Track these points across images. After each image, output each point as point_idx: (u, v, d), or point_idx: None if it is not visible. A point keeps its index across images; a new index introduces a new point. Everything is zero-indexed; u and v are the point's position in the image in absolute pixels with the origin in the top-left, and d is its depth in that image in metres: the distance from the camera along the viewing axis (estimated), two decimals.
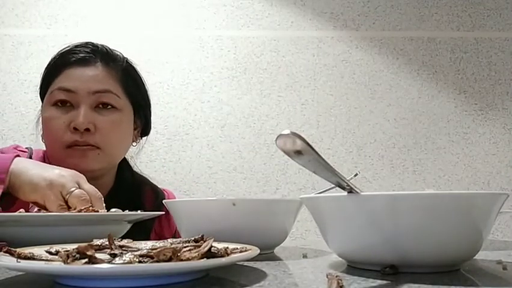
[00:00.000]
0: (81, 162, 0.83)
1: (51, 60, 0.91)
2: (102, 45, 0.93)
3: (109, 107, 0.88)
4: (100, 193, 0.68)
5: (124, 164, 1.00)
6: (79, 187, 0.67)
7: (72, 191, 0.65)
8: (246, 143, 1.95)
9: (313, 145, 0.35)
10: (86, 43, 0.92)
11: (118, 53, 0.95)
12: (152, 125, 1.05)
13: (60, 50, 0.91)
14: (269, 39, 2.02)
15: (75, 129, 0.84)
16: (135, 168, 1.03)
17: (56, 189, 0.65)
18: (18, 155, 0.71)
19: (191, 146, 1.93)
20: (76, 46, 0.91)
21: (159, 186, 1.05)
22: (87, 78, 0.87)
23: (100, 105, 0.87)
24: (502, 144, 2.00)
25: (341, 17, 2.05)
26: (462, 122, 2.01)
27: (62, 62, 0.89)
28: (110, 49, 0.94)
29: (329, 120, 1.98)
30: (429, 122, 2.00)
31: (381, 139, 1.98)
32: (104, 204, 0.68)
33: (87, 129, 0.84)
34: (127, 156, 1.02)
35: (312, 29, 2.03)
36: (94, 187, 0.69)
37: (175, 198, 1.08)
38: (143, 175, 1.04)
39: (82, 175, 0.70)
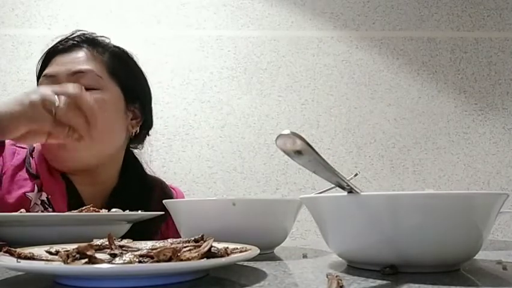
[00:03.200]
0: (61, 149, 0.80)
1: (44, 53, 0.91)
2: (91, 33, 0.93)
3: (90, 89, 0.83)
4: (78, 89, 0.69)
5: (131, 163, 0.94)
6: (56, 88, 0.66)
7: (56, 105, 0.65)
8: (246, 143, 1.95)
9: (313, 145, 0.35)
10: (75, 32, 0.92)
11: (105, 39, 0.94)
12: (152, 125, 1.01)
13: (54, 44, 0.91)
14: (269, 39, 2.02)
15: None
16: (148, 171, 0.97)
17: (36, 107, 0.65)
18: None
19: (191, 146, 1.93)
20: (67, 36, 0.91)
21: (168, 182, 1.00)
22: (68, 61, 0.85)
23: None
24: (502, 144, 2.00)
25: (341, 17, 2.05)
26: (462, 122, 2.01)
27: (51, 53, 0.89)
28: (98, 36, 0.93)
29: (329, 120, 1.98)
30: (429, 122, 2.00)
31: (381, 139, 1.98)
32: (88, 98, 0.69)
33: None
34: (140, 158, 0.97)
35: (312, 29, 2.03)
36: (64, 88, 0.69)
37: (183, 197, 1.05)
38: (157, 177, 0.98)
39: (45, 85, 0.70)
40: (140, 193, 0.90)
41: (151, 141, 1.02)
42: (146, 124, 0.96)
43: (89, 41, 0.90)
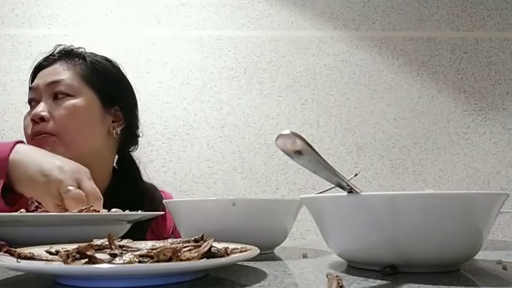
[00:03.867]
0: None
1: (32, 69, 0.98)
2: (69, 46, 0.99)
3: (65, 96, 0.91)
4: (100, 194, 0.67)
5: (127, 168, 1.00)
6: (79, 185, 0.64)
7: (68, 190, 0.62)
8: (246, 143, 1.95)
9: (313, 145, 0.35)
10: (55, 47, 0.98)
11: (81, 50, 0.99)
12: (152, 125, 1.04)
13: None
14: (269, 39, 2.02)
15: (33, 121, 0.88)
16: (145, 177, 1.02)
17: (53, 186, 0.63)
18: (20, 141, 0.69)
19: (191, 146, 1.93)
20: (49, 53, 0.98)
21: (157, 187, 1.05)
22: (46, 74, 0.93)
23: (58, 96, 0.91)
24: (502, 144, 2.00)
25: (341, 17, 2.05)
26: (462, 122, 2.01)
27: (36, 69, 0.97)
28: (74, 48, 0.99)
29: (329, 120, 1.98)
30: (429, 122, 2.00)
31: (381, 139, 1.98)
32: (102, 204, 0.67)
33: (41, 118, 0.87)
34: (138, 164, 1.02)
35: (312, 29, 2.03)
36: (94, 186, 0.67)
37: (171, 198, 1.08)
38: (151, 183, 1.03)
39: (85, 169, 0.68)
40: (131, 196, 0.95)
41: (151, 141, 1.05)
42: (130, 126, 1.00)
43: (66, 54, 0.97)
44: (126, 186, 0.97)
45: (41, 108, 0.88)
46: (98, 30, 1.95)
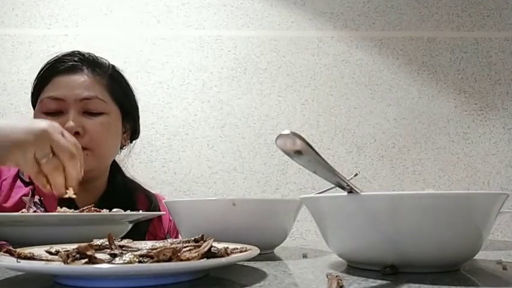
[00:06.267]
0: None
1: (41, 70, 0.94)
2: (89, 54, 0.96)
3: (97, 113, 0.91)
4: (72, 149, 0.66)
5: (116, 169, 1.02)
6: (54, 143, 0.64)
7: (45, 159, 0.62)
8: (246, 143, 1.95)
9: (313, 145, 0.35)
10: (73, 52, 0.95)
11: (104, 60, 0.98)
12: (152, 125, 1.05)
13: (49, 60, 0.94)
14: (269, 39, 2.02)
15: None
16: (127, 174, 1.05)
17: (28, 153, 0.62)
18: None
19: (191, 146, 1.93)
20: (64, 55, 0.94)
21: (157, 187, 1.06)
22: (75, 85, 0.89)
23: (90, 111, 0.90)
24: (502, 144, 2.00)
25: (341, 17, 2.04)
26: (462, 122, 2.01)
27: (50, 71, 0.92)
28: (96, 57, 0.97)
29: (329, 120, 1.98)
30: (429, 122, 2.00)
31: (381, 139, 1.98)
32: (79, 164, 0.67)
33: (76, 133, 0.86)
34: (117, 160, 1.04)
35: (312, 29, 2.03)
36: (72, 138, 0.67)
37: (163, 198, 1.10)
38: (136, 180, 1.05)
39: (56, 125, 0.67)
40: (126, 195, 0.97)
41: (151, 141, 1.06)
42: (134, 135, 1.04)
43: (88, 63, 0.94)
44: (120, 188, 0.99)
45: (75, 124, 0.86)
46: (98, 30, 1.95)
